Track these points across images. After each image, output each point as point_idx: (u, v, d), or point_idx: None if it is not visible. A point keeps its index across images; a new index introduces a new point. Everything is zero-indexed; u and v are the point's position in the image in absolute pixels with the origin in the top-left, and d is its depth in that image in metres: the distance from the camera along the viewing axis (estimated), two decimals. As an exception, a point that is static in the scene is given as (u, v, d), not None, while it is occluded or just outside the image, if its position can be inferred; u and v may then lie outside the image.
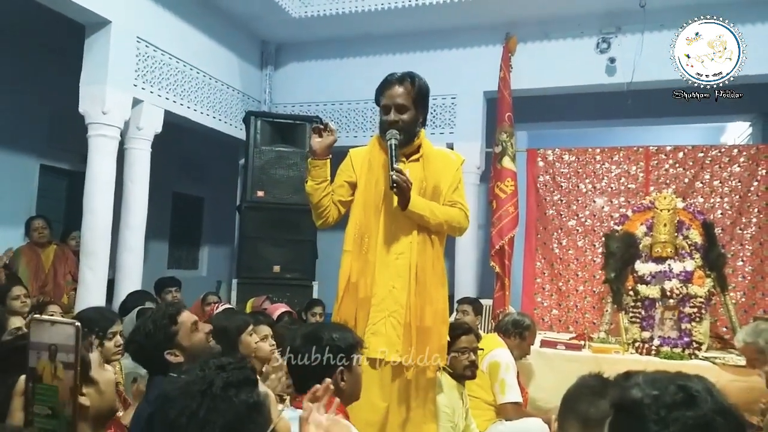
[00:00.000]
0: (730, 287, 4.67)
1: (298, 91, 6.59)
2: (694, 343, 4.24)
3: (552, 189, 5.68)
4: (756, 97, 5.55)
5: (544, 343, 4.39)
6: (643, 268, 4.51)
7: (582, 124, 7.23)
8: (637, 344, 4.34)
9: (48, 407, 1.05)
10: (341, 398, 1.84)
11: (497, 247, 5.39)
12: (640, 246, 4.62)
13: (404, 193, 2.36)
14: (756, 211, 5.15)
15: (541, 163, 5.74)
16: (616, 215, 5.20)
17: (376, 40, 6.22)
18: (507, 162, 5.53)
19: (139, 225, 4.94)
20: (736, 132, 7.50)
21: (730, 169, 5.24)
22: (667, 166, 5.38)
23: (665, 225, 4.54)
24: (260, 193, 5.63)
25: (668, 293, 4.32)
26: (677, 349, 4.21)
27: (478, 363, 3.02)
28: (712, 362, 4.01)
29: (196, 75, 5.56)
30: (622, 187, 5.47)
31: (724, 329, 4.77)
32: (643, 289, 4.42)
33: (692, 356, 4.18)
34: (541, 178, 5.72)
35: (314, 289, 5.70)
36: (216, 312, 3.38)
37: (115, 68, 4.59)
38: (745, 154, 5.27)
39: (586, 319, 5.33)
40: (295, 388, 1.94)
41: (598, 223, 5.48)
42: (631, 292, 4.48)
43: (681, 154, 5.37)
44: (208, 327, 2.21)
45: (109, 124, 4.57)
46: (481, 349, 3.14)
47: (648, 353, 4.24)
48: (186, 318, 2.10)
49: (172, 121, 5.35)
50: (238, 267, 5.80)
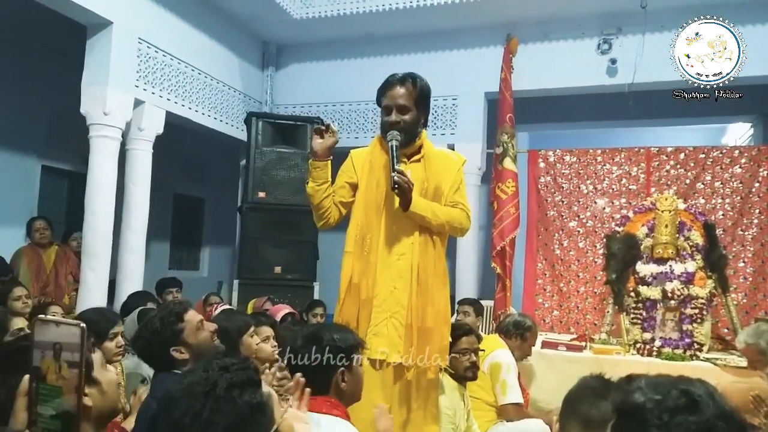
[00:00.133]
0: (731, 288, 4.67)
1: (300, 92, 6.59)
2: (695, 345, 4.24)
3: (553, 190, 5.68)
4: (756, 98, 5.55)
5: (546, 344, 4.40)
6: (645, 269, 4.51)
7: (583, 125, 7.23)
8: (638, 345, 4.33)
9: (52, 407, 1.05)
10: (342, 399, 1.84)
11: (498, 248, 5.40)
12: (642, 247, 4.61)
13: (406, 194, 2.36)
14: (757, 212, 5.16)
15: (542, 164, 5.74)
16: (618, 216, 5.20)
17: (377, 41, 6.23)
18: (508, 163, 5.53)
19: (141, 226, 4.95)
20: (737, 133, 7.50)
21: (731, 171, 5.24)
22: (669, 167, 5.38)
23: (666, 226, 4.54)
24: (261, 194, 5.63)
25: (669, 294, 4.32)
26: (678, 351, 4.21)
27: (479, 364, 3.02)
28: (714, 363, 4.01)
29: (197, 76, 5.57)
30: (624, 188, 5.47)
31: (725, 330, 4.77)
32: (644, 290, 4.42)
33: (693, 357, 4.18)
34: (542, 179, 5.72)
35: (315, 290, 5.70)
36: (215, 313, 3.34)
37: (116, 69, 4.60)
38: (746, 155, 5.27)
39: (588, 320, 5.33)
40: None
41: (600, 225, 5.48)
42: (633, 294, 4.48)
43: (682, 155, 5.37)
44: (214, 326, 2.22)
45: (111, 125, 4.58)
46: (482, 350, 3.14)
47: (649, 354, 4.24)
48: (192, 316, 2.13)
49: (174, 122, 5.35)
50: (239, 268, 5.81)
